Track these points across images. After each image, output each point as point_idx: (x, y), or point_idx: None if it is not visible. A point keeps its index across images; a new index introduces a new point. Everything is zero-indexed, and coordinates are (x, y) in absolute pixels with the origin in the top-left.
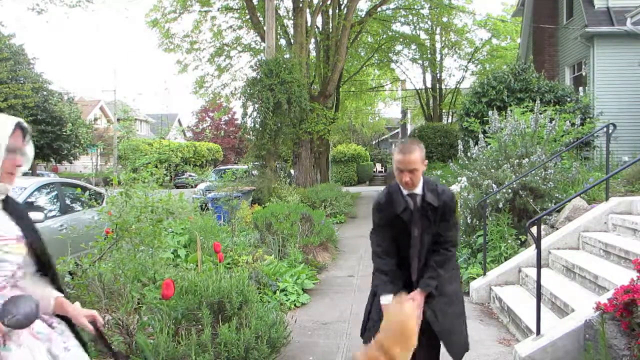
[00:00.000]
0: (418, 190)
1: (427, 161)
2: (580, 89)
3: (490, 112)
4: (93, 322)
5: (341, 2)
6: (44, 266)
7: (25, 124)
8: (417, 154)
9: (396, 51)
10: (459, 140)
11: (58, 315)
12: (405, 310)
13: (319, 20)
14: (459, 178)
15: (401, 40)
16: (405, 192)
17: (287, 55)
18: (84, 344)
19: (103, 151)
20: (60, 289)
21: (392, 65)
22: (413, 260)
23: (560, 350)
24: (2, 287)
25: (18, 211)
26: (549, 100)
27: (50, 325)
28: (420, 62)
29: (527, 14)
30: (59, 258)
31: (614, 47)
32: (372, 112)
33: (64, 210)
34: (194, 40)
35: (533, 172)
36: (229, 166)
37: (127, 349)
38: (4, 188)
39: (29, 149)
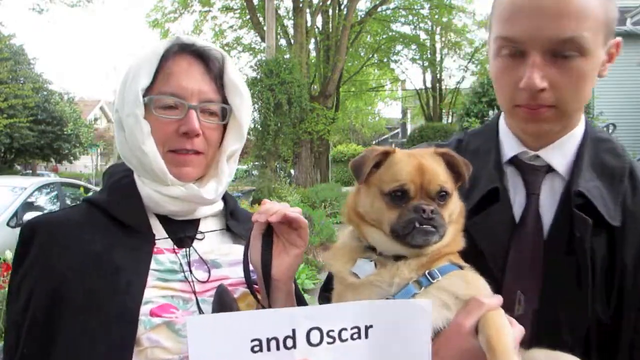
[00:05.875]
0: (554, 154)
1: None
2: None
3: (490, 112)
4: None
5: (341, 2)
6: None
7: None
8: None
9: (396, 51)
10: None
11: None
12: None
13: (319, 21)
14: None
15: (401, 40)
16: (508, 149)
17: (287, 56)
18: None
19: (103, 151)
20: None
21: (392, 65)
22: None
23: None
24: None
25: None
26: None
27: None
28: (420, 62)
29: None
30: None
31: None
32: (372, 112)
33: None
34: None
35: None
36: None
37: None
38: None
39: None
